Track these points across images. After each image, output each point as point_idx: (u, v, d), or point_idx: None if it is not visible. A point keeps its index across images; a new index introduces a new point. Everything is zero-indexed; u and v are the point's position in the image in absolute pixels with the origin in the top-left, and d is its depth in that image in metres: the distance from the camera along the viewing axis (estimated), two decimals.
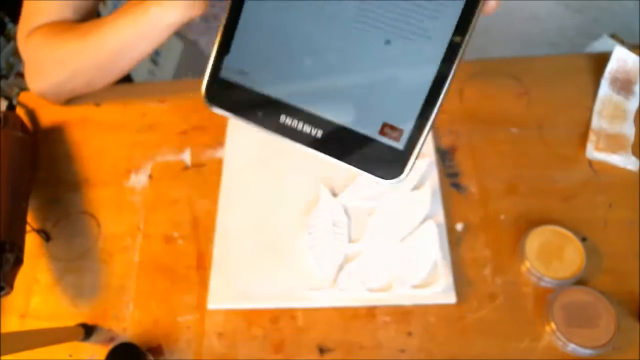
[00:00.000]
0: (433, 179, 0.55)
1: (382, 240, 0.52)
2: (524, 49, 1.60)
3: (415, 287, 0.49)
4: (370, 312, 0.49)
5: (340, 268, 0.51)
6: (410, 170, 0.27)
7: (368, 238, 0.52)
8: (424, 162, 0.55)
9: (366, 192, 0.55)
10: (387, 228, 0.52)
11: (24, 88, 1.27)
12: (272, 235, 0.54)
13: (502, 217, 0.53)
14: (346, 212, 0.54)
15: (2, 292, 0.48)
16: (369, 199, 0.54)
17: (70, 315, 0.53)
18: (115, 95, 0.66)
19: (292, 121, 0.29)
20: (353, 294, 0.49)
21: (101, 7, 1.39)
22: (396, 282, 0.49)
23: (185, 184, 0.59)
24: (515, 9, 1.66)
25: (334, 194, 0.55)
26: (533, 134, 0.58)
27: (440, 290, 0.48)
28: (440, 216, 0.53)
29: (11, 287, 0.49)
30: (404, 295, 0.49)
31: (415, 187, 0.54)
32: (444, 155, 0.57)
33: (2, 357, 0.42)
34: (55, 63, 0.57)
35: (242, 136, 0.61)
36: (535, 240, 0.50)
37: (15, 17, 1.33)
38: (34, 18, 0.58)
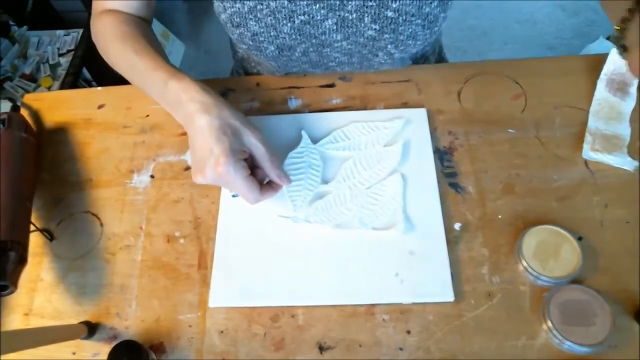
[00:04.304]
0: (428, 174, 0.56)
1: (351, 185, 0.56)
2: (521, 51, 1.61)
3: (375, 229, 0.53)
4: (370, 310, 0.50)
5: (310, 204, 0.55)
6: None
7: (338, 182, 0.57)
8: (399, 122, 0.59)
9: (343, 143, 0.59)
10: (357, 176, 0.57)
11: (28, 89, 1.28)
12: (273, 234, 0.54)
13: (500, 216, 0.54)
14: (322, 158, 0.58)
15: (7, 291, 0.48)
16: (345, 149, 0.59)
17: (73, 313, 0.53)
18: (117, 97, 0.67)
19: None
20: (319, 226, 0.54)
21: None
22: (358, 222, 0.54)
23: (186, 183, 0.59)
24: (512, 12, 1.67)
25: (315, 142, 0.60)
26: (530, 135, 0.58)
27: (400, 232, 0.52)
28: (411, 171, 0.56)
29: (15, 285, 0.49)
30: (403, 293, 0.50)
31: (388, 144, 0.58)
32: (443, 156, 0.58)
33: (7, 355, 0.43)
34: (105, 57, 0.60)
35: None
36: (532, 239, 0.50)
37: (20, 21, 1.34)
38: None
